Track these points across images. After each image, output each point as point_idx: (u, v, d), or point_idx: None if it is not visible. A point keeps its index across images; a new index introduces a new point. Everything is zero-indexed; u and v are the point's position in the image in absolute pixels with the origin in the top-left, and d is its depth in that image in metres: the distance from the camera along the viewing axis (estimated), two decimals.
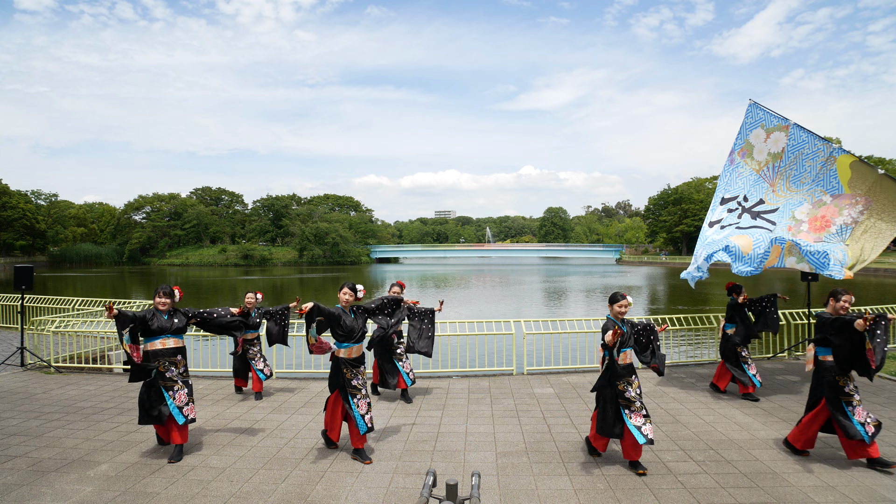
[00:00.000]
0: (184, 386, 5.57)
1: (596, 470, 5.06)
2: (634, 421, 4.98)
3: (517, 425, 6.45)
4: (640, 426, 4.97)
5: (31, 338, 10.29)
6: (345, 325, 5.44)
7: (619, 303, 5.14)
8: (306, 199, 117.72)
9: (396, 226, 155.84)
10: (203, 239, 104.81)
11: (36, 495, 4.52)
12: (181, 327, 5.69)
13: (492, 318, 14.23)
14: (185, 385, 5.58)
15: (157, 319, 5.55)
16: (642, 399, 5.18)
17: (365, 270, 72.94)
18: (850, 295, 5.36)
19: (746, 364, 7.54)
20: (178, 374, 5.57)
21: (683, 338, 13.95)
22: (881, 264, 51.04)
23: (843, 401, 5.14)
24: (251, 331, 7.74)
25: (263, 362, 7.97)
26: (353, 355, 5.48)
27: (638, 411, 5.01)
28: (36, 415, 6.89)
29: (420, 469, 5.13)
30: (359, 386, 5.41)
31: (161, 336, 5.56)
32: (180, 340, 5.71)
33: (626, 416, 5.02)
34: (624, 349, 5.14)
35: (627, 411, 5.03)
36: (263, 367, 7.93)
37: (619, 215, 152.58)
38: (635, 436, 4.95)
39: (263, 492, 4.62)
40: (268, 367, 8.01)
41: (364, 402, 5.38)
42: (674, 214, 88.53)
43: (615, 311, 5.16)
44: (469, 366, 9.86)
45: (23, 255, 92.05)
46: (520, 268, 77.08)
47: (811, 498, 4.43)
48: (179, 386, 5.53)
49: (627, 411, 5.03)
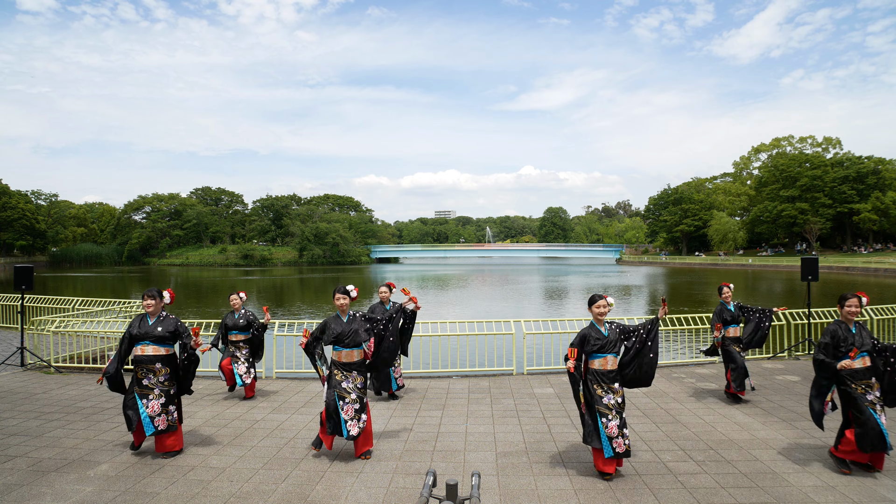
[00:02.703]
0: (161, 395, 5.37)
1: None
2: (609, 432, 4.76)
3: (517, 425, 6.45)
4: (613, 438, 4.76)
5: (31, 338, 10.28)
6: (332, 331, 5.46)
7: (597, 304, 4.92)
8: (306, 199, 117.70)
9: (396, 226, 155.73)
10: (203, 239, 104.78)
11: (36, 495, 4.52)
12: (163, 336, 5.42)
13: (492, 318, 14.23)
14: (162, 395, 5.39)
15: (143, 324, 5.43)
16: (620, 411, 4.87)
17: (365, 270, 72.92)
18: (855, 298, 5.05)
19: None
20: (157, 383, 5.39)
21: (683, 338, 13.96)
22: (881, 264, 51.03)
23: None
24: (235, 332, 7.64)
25: (246, 367, 7.58)
26: (343, 359, 5.45)
27: (614, 421, 4.78)
28: (36, 415, 6.89)
29: (420, 469, 5.13)
30: (349, 390, 5.38)
31: (141, 342, 5.43)
32: (161, 349, 5.44)
33: (601, 425, 4.79)
34: (602, 354, 4.90)
35: (604, 419, 4.79)
36: (244, 374, 7.55)
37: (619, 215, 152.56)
38: (604, 447, 4.77)
39: (263, 492, 4.62)
40: (249, 374, 7.58)
41: (351, 407, 5.32)
42: (674, 214, 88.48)
43: (594, 313, 4.97)
44: (469, 366, 9.86)
45: (23, 255, 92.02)
46: (520, 268, 77.06)
47: (811, 498, 4.43)
48: (155, 395, 5.36)
49: (604, 419, 4.79)
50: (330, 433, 5.36)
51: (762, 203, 76.63)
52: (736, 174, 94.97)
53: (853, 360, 4.90)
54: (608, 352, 4.92)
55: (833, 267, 53.40)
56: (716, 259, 75.32)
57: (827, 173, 70.42)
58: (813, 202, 70.26)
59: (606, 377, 4.89)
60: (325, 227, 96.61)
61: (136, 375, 5.42)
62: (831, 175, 69.98)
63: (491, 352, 11.15)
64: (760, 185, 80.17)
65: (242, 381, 7.56)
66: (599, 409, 4.83)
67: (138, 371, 5.43)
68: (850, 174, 68.96)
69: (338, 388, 5.36)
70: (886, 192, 67.20)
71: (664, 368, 9.61)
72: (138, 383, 5.39)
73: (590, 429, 4.85)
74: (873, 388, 4.90)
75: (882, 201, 65.80)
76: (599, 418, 4.81)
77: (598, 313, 4.95)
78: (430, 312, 23.25)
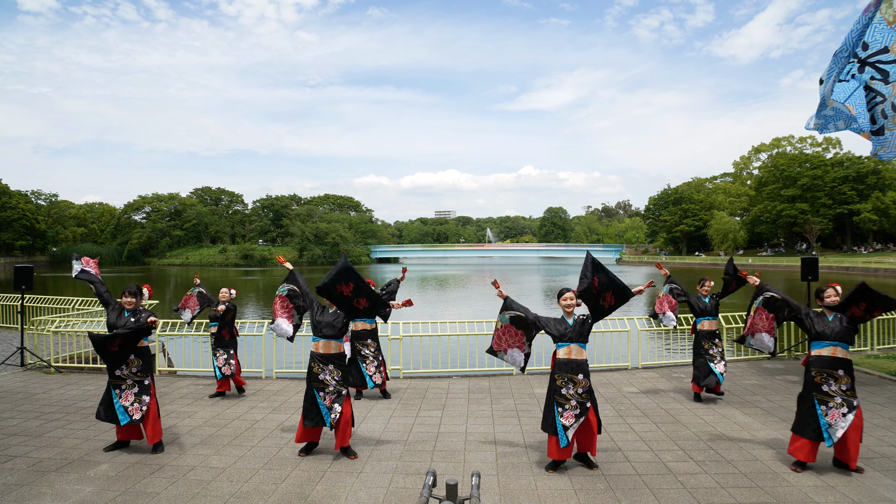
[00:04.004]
0: (134, 385, 5.53)
1: (596, 470, 5.06)
2: (564, 421, 4.92)
3: (517, 425, 6.45)
4: (568, 427, 4.90)
5: (31, 338, 10.29)
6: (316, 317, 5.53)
7: (564, 296, 5.21)
8: (306, 200, 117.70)
9: (396, 226, 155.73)
10: (203, 239, 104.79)
11: (36, 495, 4.52)
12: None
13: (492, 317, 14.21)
14: (136, 384, 5.54)
15: (120, 318, 5.64)
16: (582, 401, 4.95)
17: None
18: (831, 289, 5.09)
19: (713, 361, 7.27)
20: (130, 374, 5.55)
21: (683, 338, 13.95)
22: (881, 264, 51.03)
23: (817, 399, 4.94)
24: (214, 324, 7.83)
25: (226, 360, 7.65)
26: (321, 350, 5.49)
27: (571, 411, 4.92)
28: (36, 415, 6.89)
29: (420, 469, 5.13)
30: (326, 382, 5.42)
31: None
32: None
33: (556, 414, 4.95)
34: (565, 344, 5.11)
35: (560, 409, 4.95)
36: (223, 366, 7.64)
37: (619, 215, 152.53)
38: (559, 436, 4.91)
39: (263, 492, 4.62)
40: (229, 365, 7.64)
41: (329, 397, 5.37)
42: (674, 214, 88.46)
43: (561, 305, 5.22)
44: (469, 366, 9.86)
45: (23, 255, 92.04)
46: (520, 268, 77.07)
47: (811, 498, 4.43)
48: (128, 385, 5.51)
49: (560, 409, 4.95)
50: (312, 425, 5.42)
51: (762, 203, 76.60)
52: (736, 174, 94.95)
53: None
54: (572, 341, 5.11)
55: (833, 267, 53.38)
56: (716, 259, 75.27)
57: (827, 173, 70.39)
58: (813, 202, 70.23)
59: (568, 367, 5.05)
60: (325, 227, 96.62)
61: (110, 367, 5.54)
62: (831, 175, 69.96)
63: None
64: (760, 185, 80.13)
65: (221, 372, 7.66)
66: (557, 399, 4.99)
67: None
68: (850, 174, 68.92)
69: (315, 382, 5.42)
70: (886, 192, 67.16)
71: (664, 368, 9.61)
72: (111, 375, 5.52)
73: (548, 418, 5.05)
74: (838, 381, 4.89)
75: (882, 201, 65.78)
76: (556, 407, 4.97)
77: (564, 306, 5.19)
78: (430, 312, 23.24)
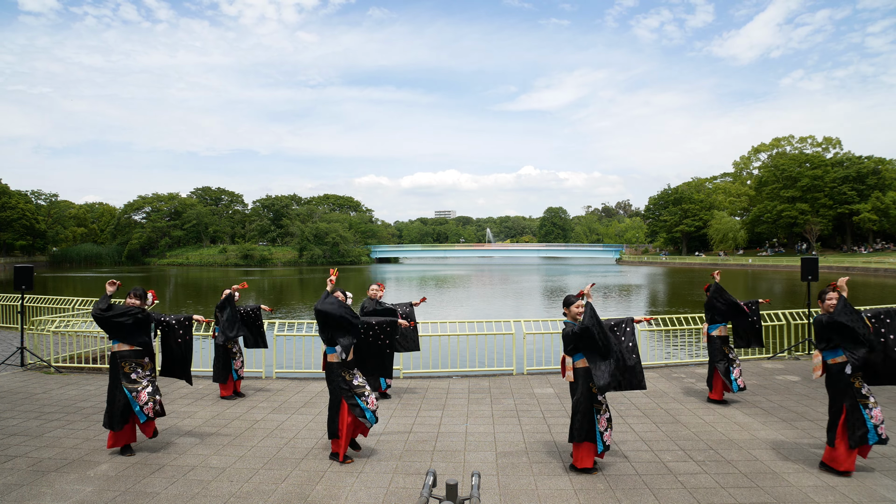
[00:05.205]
0: (148, 385, 5.55)
1: (596, 470, 5.06)
2: (600, 426, 4.92)
3: (517, 425, 6.45)
4: (603, 431, 4.93)
5: (31, 338, 10.28)
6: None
7: (575, 304, 5.08)
8: (306, 199, 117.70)
9: (396, 226, 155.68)
10: (203, 239, 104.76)
11: (36, 495, 4.52)
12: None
13: (492, 317, 14.22)
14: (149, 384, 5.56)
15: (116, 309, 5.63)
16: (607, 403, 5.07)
17: (365, 270, 72.91)
18: (834, 292, 5.03)
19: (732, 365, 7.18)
20: (145, 375, 5.60)
21: (683, 338, 13.96)
22: (881, 264, 51.03)
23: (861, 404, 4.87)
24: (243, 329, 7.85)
25: (242, 363, 7.92)
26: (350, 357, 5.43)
27: (604, 414, 4.95)
28: (36, 415, 6.89)
29: (420, 469, 5.13)
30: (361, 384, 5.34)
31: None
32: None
33: (595, 420, 4.92)
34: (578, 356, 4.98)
35: (598, 415, 4.94)
36: (240, 368, 7.89)
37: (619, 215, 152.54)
38: (597, 442, 4.93)
39: (263, 492, 4.62)
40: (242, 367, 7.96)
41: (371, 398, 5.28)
42: (674, 214, 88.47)
43: (573, 312, 5.09)
44: (469, 366, 9.86)
45: (23, 255, 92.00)
46: (520, 268, 77.05)
47: (811, 498, 4.43)
48: (143, 386, 5.51)
49: (598, 415, 4.94)
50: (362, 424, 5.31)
51: (762, 203, 76.60)
52: (736, 174, 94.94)
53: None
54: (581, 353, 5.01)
55: (833, 267, 53.38)
56: (716, 259, 75.28)
57: (827, 173, 70.40)
58: (813, 202, 70.24)
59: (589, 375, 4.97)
60: (325, 227, 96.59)
61: (124, 370, 5.52)
62: (831, 175, 69.96)
63: (491, 352, 11.16)
64: (760, 185, 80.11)
65: (238, 374, 7.86)
66: (595, 406, 4.95)
67: (125, 366, 5.53)
68: (850, 174, 68.93)
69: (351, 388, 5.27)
70: (886, 192, 67.17)
71: (664, 368, 9.61)
72: (126, 378, 5.50)
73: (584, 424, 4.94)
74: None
75: (882, 201, 65.78)
76: (595, 414, 4.92)
77: (577, 313, 5.05)
78: (430, 312, 23.24)
